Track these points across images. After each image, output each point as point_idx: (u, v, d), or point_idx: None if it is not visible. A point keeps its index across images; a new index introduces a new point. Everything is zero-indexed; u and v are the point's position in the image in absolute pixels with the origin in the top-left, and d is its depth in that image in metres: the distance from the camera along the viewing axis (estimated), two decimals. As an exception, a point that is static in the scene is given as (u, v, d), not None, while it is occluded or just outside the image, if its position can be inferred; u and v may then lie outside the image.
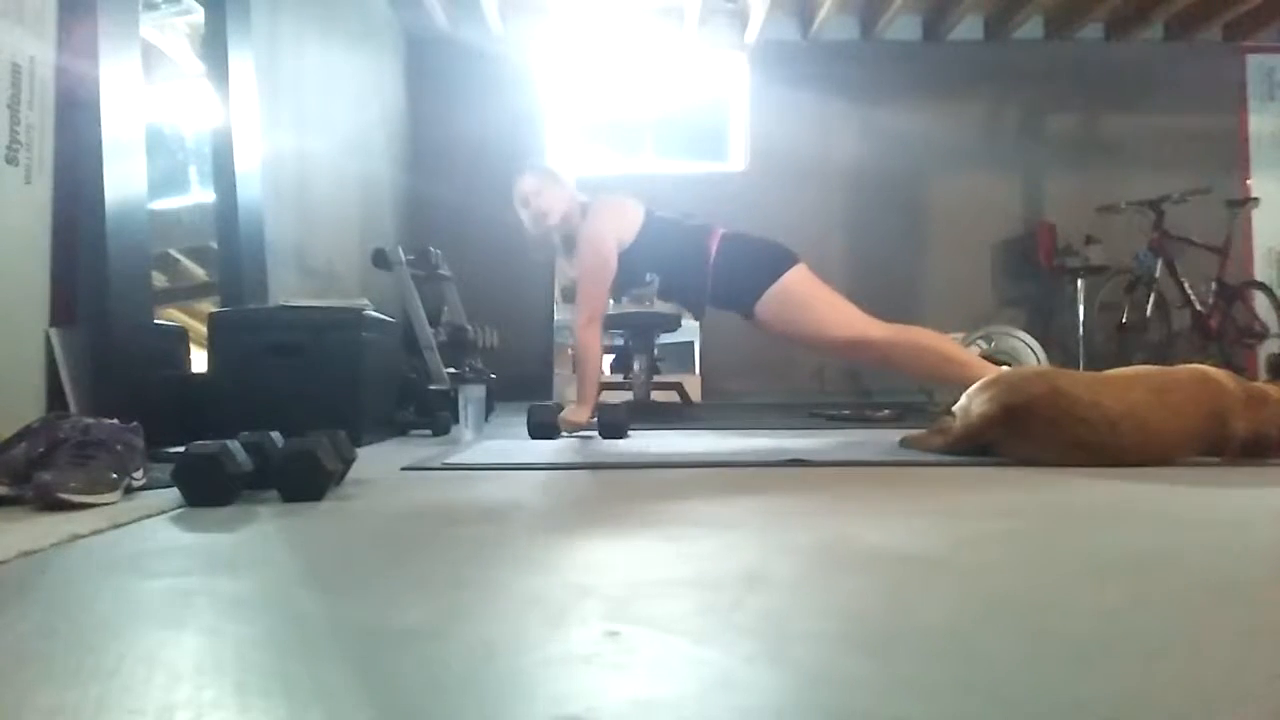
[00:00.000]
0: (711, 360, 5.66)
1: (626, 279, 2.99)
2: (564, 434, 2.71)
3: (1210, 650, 0.70)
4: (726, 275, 2.90)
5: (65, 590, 0.92)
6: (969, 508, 1.41)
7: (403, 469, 1.93)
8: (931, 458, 2.05)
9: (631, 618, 0.78)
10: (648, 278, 2.98)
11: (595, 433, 2.70)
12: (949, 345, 2.84)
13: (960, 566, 1.00)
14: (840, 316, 2.84)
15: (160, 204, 2.92)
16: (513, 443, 2.52)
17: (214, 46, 3.05)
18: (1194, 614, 0.81)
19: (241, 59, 3.10)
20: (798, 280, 2.86)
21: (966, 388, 2.15)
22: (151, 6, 3.03)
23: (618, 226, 2.88)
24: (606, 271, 2.84)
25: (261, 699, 0.60)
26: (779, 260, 2.89)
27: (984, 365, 2.70)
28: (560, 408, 2.78)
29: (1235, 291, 5.39)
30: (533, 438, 2.63)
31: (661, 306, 3.49)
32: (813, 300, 2.85)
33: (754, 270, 2.88)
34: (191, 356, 2.83)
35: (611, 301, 3.20)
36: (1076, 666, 0.65)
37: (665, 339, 4.13)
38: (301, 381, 2.43)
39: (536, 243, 3.09)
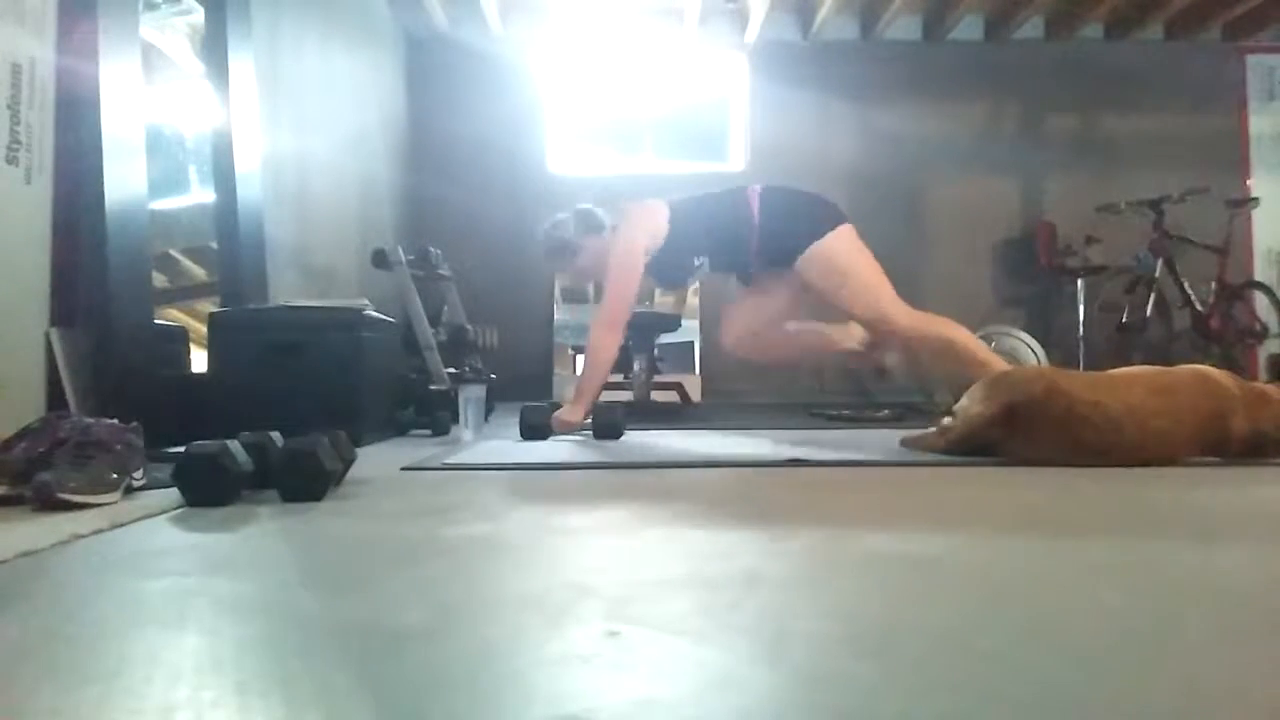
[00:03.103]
0: (712, 360, 5.65)
1: (675, 269, 2.97)
2: (554, 435, 2.65)
3: (1208, 650, 0.70)
4: (772, 228, 2.85)
5: (65, 590, 0.92)
6: (968, 508, 1.41)
7: (403, 469, 1.93)
8: (931, 458, 2.05)
9: (631, 618, 0.78)
10: (696, 261, 2.97)
11: (590, 434, 2.68)
12: (974, 344, 2.81)
13: (958, 566, 1.00)
14: (871, 296, 2.81)
15: (160, 204, 2.92)
16: (512, 443, 2.52)
17: (214, 46, 3.05)
18: (1192, 614, 0.81)
19: (241, 59, 3.10)
20: (844, 246, 2.83)
21: None
22: (151, 6, 3.03)
23: (648, 231, 2.86)
24: (634, 279, 2.81)
25: (261, 699, 0.60)
26: (827, 216, 2.87)
27: (1004, 366, 2.67)
28: (555, 407, 2.74)
29: (1235, 291, 5.38)
30: (523, 439, 2.60)
31: (661, 306, 3.48)
32: (852, 271, 2.82)
33: (802, 221, 2.85)
34: (191, 356, 2.83)
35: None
36: (1074, 666, 0.66)
37: (665, 339, 4.12)
38: (301, 381, 2.43)
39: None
